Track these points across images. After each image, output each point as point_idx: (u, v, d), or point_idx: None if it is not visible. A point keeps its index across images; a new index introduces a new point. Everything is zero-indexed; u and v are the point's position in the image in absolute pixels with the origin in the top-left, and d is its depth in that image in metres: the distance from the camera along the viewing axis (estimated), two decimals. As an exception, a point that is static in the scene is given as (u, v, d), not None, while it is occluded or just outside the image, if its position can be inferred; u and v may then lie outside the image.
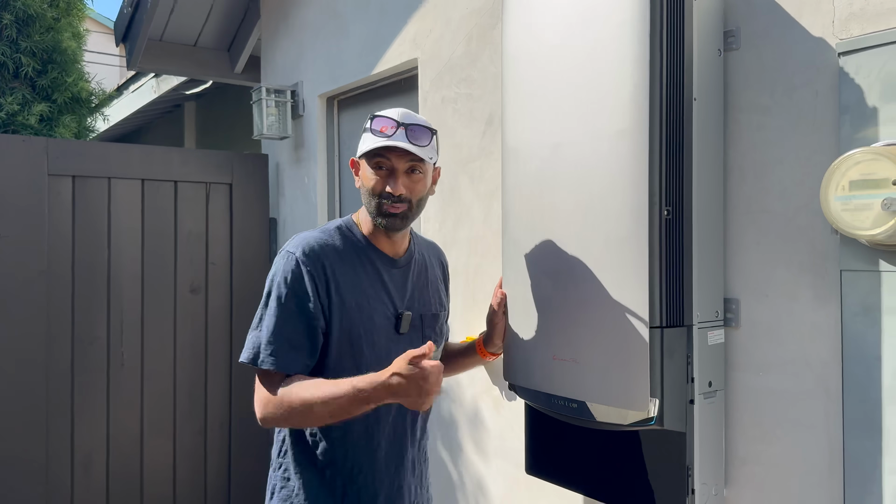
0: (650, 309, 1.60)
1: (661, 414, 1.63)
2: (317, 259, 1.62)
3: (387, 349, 1.67)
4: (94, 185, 3.59)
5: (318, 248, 1.63)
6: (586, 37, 1.73)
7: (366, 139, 1.66)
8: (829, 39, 1.60)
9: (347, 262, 1.67)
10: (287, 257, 1.63)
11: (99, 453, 3.59)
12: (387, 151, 1.63)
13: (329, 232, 1.70)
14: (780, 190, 1.70)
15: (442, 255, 1.99)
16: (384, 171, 1.65)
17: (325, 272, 1.62)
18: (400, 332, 1.71)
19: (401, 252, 1.77)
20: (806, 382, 1.65)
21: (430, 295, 1.83)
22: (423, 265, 1.84)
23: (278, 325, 1.58)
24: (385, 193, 1.64)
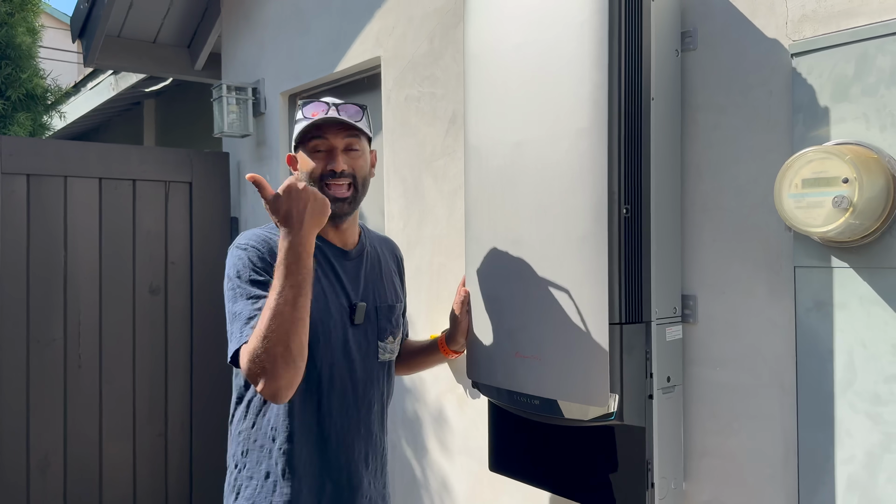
0: (609, 306, 1.62)
1: (620, 409, 1.65)
2: (268, 247, 1.61)
3: (342, 340, 1.68)
4: (50, 183, 3.51)
5: (269, 240, 1.63)
6: (547, 36, 1.74)
7: (299, 126, 1.68)
8: (782, 41, 1.64)
9: None
10: (241, 250, 1.62)
11: (56, 456, 3.51)
12: (322, 131, 1.65)
13: (275, 228, 1.63)
14: (735, 188, 1.73)
15: (396, 250, 1.99)
16: (322, 152, 1.66)
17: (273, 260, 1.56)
18: (355, 322, 1.71)
19: (351, 244, 1.78)
20: (761, 376, 1.69)
21: (384, 286, 1.83)
22: (375, 258, 1.84)
23: (253, 300, 1.54)
24: (327, 172, 1.65)
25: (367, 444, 1.77)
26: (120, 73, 6.03)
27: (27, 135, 4.04)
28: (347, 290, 1.73)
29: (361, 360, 1.72)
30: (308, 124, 1.65)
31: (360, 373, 1.72)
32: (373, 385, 1.75)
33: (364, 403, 1.74)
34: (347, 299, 1.72)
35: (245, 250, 1.61)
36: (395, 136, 2.81)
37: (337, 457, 1.70)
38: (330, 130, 1.66)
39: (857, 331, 1.50)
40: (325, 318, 1.66)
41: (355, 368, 1.71)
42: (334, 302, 1.69)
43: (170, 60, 4.64)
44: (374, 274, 1.82)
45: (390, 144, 2.83)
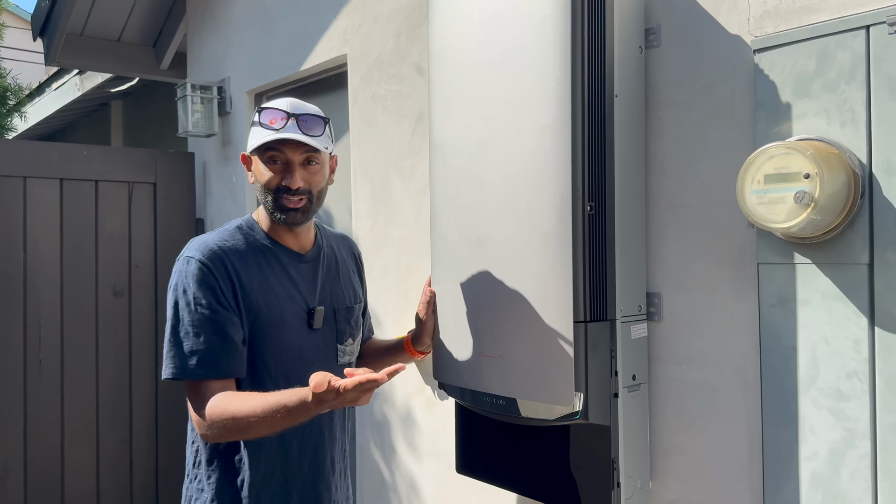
0: (574, 304, 1.61)
1: (585, 408, 1.64)
2: (219, 261, 1.56)
3: (299, 347, 1.64)
4: (8, 184, 3.42)
5: (219, 250, 1.57)
6: (510, 32, 1.72)
7: (255, 133, 1.60)
8: (745, 37, 1.64)
9: (252, 262, 1.61)
10: (188, 262, 1.56)
11: (16, 464, 3.42)
12: (279, 144, 1.57)
13: (229, 233, 1.64)
14: (699, 185, 1.72)
15: (354, 247, 1.95)
16: (279, 164, 1.59)
17: (228, 274, 1.56)
18: (313, 327, 1.67)
19: (307, 246, 1.73)
20: (726, 373, 1.68)
21: (342, 288, 1.79)
22: (332, 258, 1.80)
23: (196, 331, 1.52)
24: (281, 187, 1.58)
25: (332, 448, 1.73)
26: (85, 72, 5.92)
27: (-15, 135, 3.92)
28: (304, 295, 1.68)
29: (320, 365, 1.67)
30: (265, 141, 1.56)
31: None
32: None
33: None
34: (305, 304, 1.67)
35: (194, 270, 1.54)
36: (362, 135, 2.77)
37: (300, 465, 1.66)
38: (288, 145, 1.58)
39: (820, 327, 1.50)
40: (279, 326, 1.62)
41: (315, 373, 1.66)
42: (289, 308, 1.64)
43: (135, 59, 4.56)
44: (332, 276, 1.77)
45: (357, 144, 2.80)
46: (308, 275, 1.71)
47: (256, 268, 1.62)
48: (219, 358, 1.52)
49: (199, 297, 1.53)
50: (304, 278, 1.69)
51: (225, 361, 1.53)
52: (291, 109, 1.59)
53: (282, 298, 1.63)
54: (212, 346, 1.52)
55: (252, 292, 1.59)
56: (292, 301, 1.65)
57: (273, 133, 1.56)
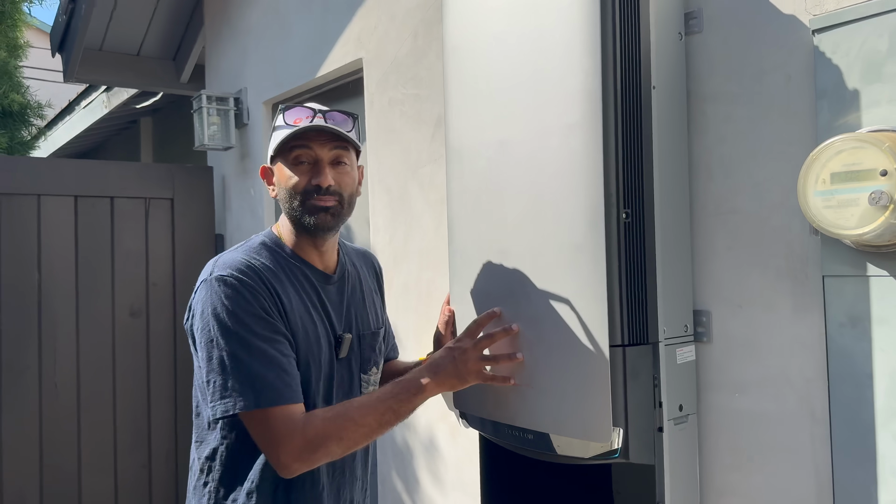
0: (610, 325, 1.40)
1: (625, 445, 1.43)
2: (257, 277, 1.37)
3: (328, 376, 1.47)
4: (22, 202, 3.33)
5: (253, 267, 1.39)
6: (532, 22, 1.54)
7: (277, 136, 1.45)
8: (801, 16, 1.43)
9: (285, 282, 1.43)
10: (222, 283, 1.35)
11: (31, 493, 3.31)
12: (306, 140, 1.42)
13: (254, 249, 1.45)
14: (751, 187, 1.51)
15: (375, 262, 1.76)
16: (306, 164, 1.43)
17: (270, 292, 1.37)
18: (339, 356, 1.49)
19: (332, 266, 1.55)
20: (788, 403, 1.46)
21: (366, 311, 1.61)
22: (356, 278, 1.62)
23: (259, 355, 1.32)
24: (311, 187, 1.41)
25: (352, 488, 1.55)
26: (112, 89, 5.89)
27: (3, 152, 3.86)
28: (332, 321, 1.50)
29: (343, 397, 1.49)
30: (291, 132, 1.41)
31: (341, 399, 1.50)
32: None
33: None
34: (332, 330, 1.49)
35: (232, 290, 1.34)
36: (380, 142, 2.61)
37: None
38: (316, 140, 1.42)
39: (901, 350, 1.28)
40: (317, 353, 1.44)
41: None
42: (323, 334, 1.46)
43: (155, 73, 4.48)
44: (357, 298, 1.59)
45: (374, 152, 2.63)
46: (335, 297, 1.52)
47: (291, 287, 1.43)
48: (291, 380, 1.34)
49: (252, 317, 1.33)
50: (331, 301, 1.51)
51: (296, 384, 1.35)
52: (317, 107, 1.46)
53: (317, 323, 1.46)
54: (283, 368, 1.33)
55: (292, 315, 1.40)
56: (323, 327, 1.47)
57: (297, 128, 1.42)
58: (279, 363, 1.33)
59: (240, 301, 1.34)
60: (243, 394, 1.31)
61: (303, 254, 1.49)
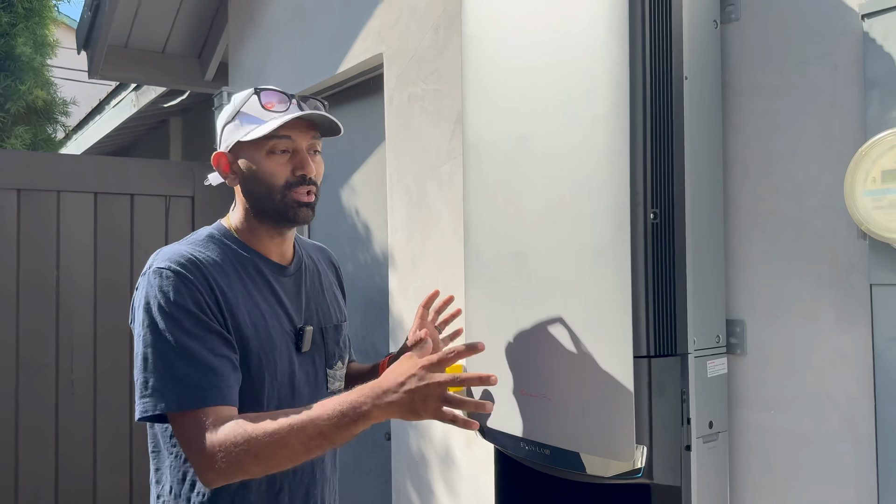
0: (635, 334, 1.29)
1: (649, 465, 1.31)
2: (197, 271, 1.29)
3: (289, 373, 1.39)
4: (42, 198, 3.31)
5: (195, 261, 1.30)
6: (554, 8, 1.44)
7: (247, 121, 1.36)
8: (848, 1, 1.31)
9: (232, 276, 1.35)
10: (158, 274, 1.27)
11: (46, 491, 3.28)
12: (287, 127, 1.35)
13: (200, 242, 1.38)
14: (792, 187, 1.39)
15: (332, 257, 1.69)
16: (285, 154, 1.37)
17: (211, 288, 1.29)
18: (301, 350, 1.42)
19: (289, 256, 1.48)
20: (829, 422, 1.34)
21: (328, 304, 1.54)
22: (314, 270, 1.55)
23: (188, 351, 1.24)
24: (294, 179, 1.36)
25: (323, 489, 1.48)
26: (140, 88, 5.91)
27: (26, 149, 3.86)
28: (290, 313, 1.43)
29: (310, 394, 1.42)
30: (278, 123, 1.33)
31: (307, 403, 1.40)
32: None
33: None
34: (291, 323, 1.42)
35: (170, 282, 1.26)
36: (398, 141, 2.52)
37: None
38: (296, 128, 1.37)
39: (960, 368, 1.15)
40: (270, 349, 1.36)
41: (305, 403, 1.39)
42: (277, 328, 1.39)
43: (179, 71, 4.46)
44: (316, 290, 1.52)
45: (393, 150, 2.55)
46: (292, 289, 1.46)
47: (238, 281, 1.36)
48: (220, 381, 1.24)
49: (184, 312, 1.25)
50: (288, 294, 1.44)
51: (226, 385, 1.25)
52: (290, 93, 1.40)
53: (269, 317, 1.38)
54: (211, 367, 1.24)
55: (238, 310, 1.33)
56: (279, 320, 1.40)
57: (280, 115, 1.35)
58: (208, 362, 1.24)
59: (173, 294, 1.25)
60: (164, 394, 1.22)
61: (258, 245, 1.42)
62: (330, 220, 3.20)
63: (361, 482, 2.94)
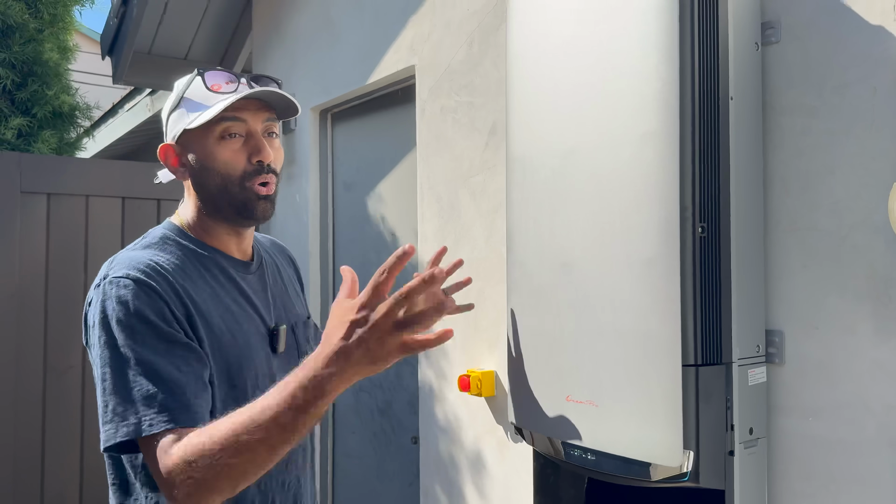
0: (683, 343, 1.35)
1: (696, 469, 1.37)
2: (161, 278, 1.17)
3: (269, 377, 1.26)
4: (71, 203, 3.36)
5: (156, 266, 1.18)
6: (603, 29, 1.50)
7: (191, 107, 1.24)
8: (889, 27, 1.37)
9: (197, 279, 1.24)
10: (115, 284, 1.14)
11: (72, 492, 3.32)
12: (237, 110, 1.21)
13: (156, 245, 1.25)
14: (830, 204, 1.45)
15: (286, 250, 1.58)
16: (236, 138, 1.23)
17: (178, 294, 1.18)
18: (277, 351, 1.32)
19: (249, 253, 1.37)
20: (866, 430, 1.40)
21: (292, 300, 1.45)
22: (274, 266, 1.46)
23: (152, 368, 1.10)
24: (251, 168, 1.23)
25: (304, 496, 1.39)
26: (156, 93, 5.96)
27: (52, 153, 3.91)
28: (261, 313, 1.32)
29: None
30: (229, 101, 1.20)
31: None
32: None
33: (300, 446, 1.36)
34: (264, 324, 1.32)
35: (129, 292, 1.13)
36: (430, 150, 2.58)
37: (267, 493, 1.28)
38: (247, 109, 1.23)
39: None
40: (249, 355, 1.25)
41: None
42: (252, 331, 1.28)
43: (201, 78, 4.51)
44: (279, 287, 1.43)
45: (424, 160, 2.61)
46: (258, 287, 1.35)
47: (204, 285, 1.24)
48: (188, 399, 1.10)
49: (145, 324, 1.12)
50: (255, 292, 1.34)
51: (196, 404, 1.11)
52: (237, 72, 1.28)
53: (242, 320, 1.27)
54: (178, 385, 1.11)
55: (210, 316, 1.21)
56: (252, 321, 1.29)
57: (228, 96, 1.22)
58: (174, 379, 1.11)
59: (132, 305, 1.12)
60: (125, 418, 1.08)
61: (216, 242, 1.30)
62: (355, 226, 3.25)
63: (384, 485, 2.99)
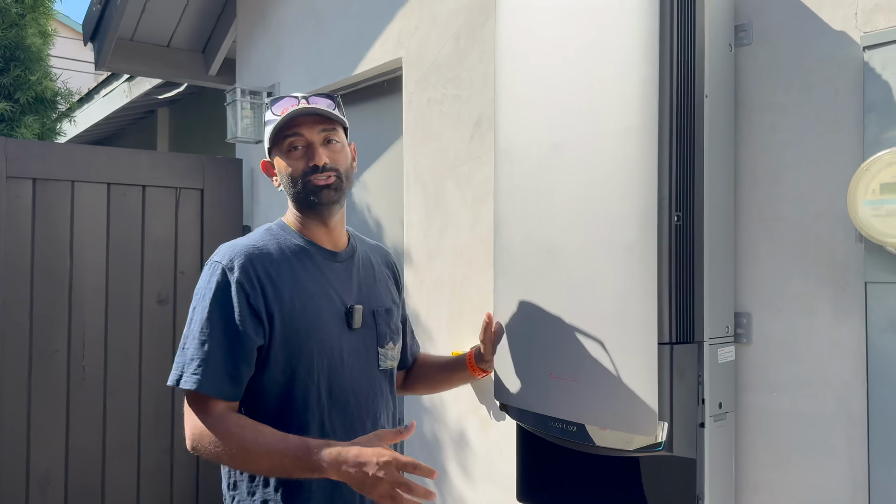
0: (659, 323, 1.46)
1: (670, 439, 1.48)
2: (247, 265, 1.48)
3: (339, 348, 1.55)
4: (57, 188, 3.39)
5: (247, 255, 1.50)
6: (589, 28, 1.60)
7: (270, 129, 1.56)
8: (851, 33, 1.49)
9: (283, 263, 1.53)
10: (213, 268, 1.49)
11: (57, 473, 3.36)
12: (296, 127, 1.52)
13: (258, 235, 1.57)
14: (795, 195, 1.57)
15: (389, 257, 1.84)
16: (300, 150, 1.54)
17: (258, 278, 1.48)
18: (352, 327, 1.58)
19: (341, 245, 1.65)
20: (825, 404, 1.52)
21: (379, 290, 1.69)
22: (367, 262, 1.71)
23: (203, 343, 1.44)
24: (308, 169, 1.53)
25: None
26: (134, 79, 5.94)
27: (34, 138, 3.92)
28: (340, 294, 1.59)
29: (361, 370, 1.58)
30: (280, 121, 1.52)
31: (362, 383, 1.58)
32: (377, 395, 1.61)
33: (370, 416, 1.59)
34: (342, 302, 1.58)
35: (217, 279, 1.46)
36: (416, 141, 2.66)
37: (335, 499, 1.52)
38: (304, 124, 1.54)
39: (942, 355, 1.33)
40: (318, 327, 1.52)
41: (356, 378, 1.56)
42: (326, 308, 1.55)
43: (183, 65, 4.53)
44: (368, 277, 1.68)
45: (411, 150, 2.69)
46: (343, 274, 1.62)
47: (288, 268, 1.53)
48: (216, 380, 1.43)
49: (216, 309, 1.45)
50: (339, 277, 1.61)
51: (222, 385, 1.43)
52: (300, 94, 1.58)
53: (317, 297, 1.54)
54: (213, 363, 1.43)
55: (285, 292, 1.50)
56: (328, 300, 1.56)
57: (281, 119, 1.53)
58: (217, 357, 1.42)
59: (214, 290, 1.45)
60: (176, 370, 1.45)
61: (310, 235, 1.59)
62: (340, 214, 3.32)
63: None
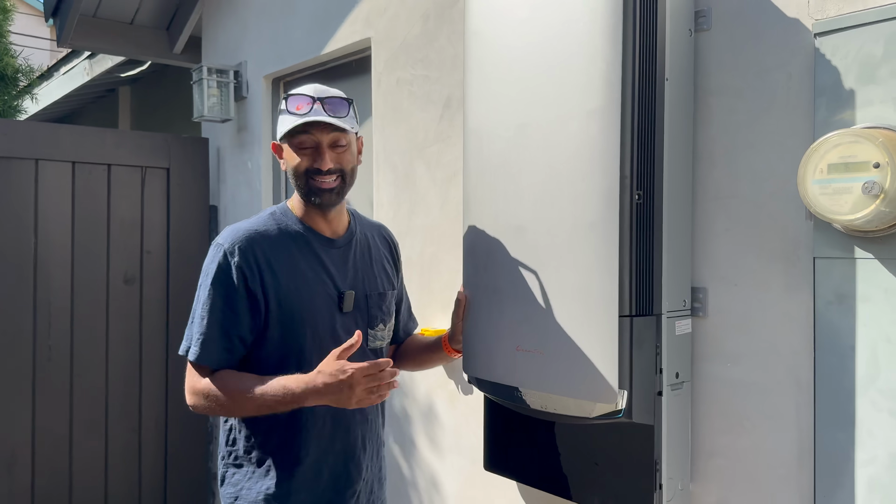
0: (620, 297, 1.53)
1: (629, 406, 1.56)
2: (247, 249, 1.61)
3: (331, 329, 1.68)
4: (20, 166, 3.35)
5: (249, 238, 1.63)
6: (556, 11, 1.64)
7: (283, 121, 1.65)
8: (804, 20, 1.56)
9: (282, 248, 1.66)
10: (216, 250, 1.63)
11: (23, 452, 3.35)
12: (308, 128, 1.62)
13: (262, 219, 1.69)
14: (750, 175, 1.64)
15: (389, 234, 1.96)
16: (308, 148, 1.64)
17: (256, 262, 1.61)
18: (343, 311, 1.70)
19: (340, 231, 1.76)
20: (776, 373, 1.61)
21: (375, 274, 1.81)
22: (366, 244, 1.82)
23: (203, 319, 1.61)
24: (312, 169, 1.64)
25: (364, 428, 1.75)
26: (95, 57, 5.83)
27: (-4, 116, 3.84)
28: (334, 279, 1.71)
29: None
30: (294, 124, 1.62)
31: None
32: None
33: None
34: (335, 287, 1.70)
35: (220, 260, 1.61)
36: (386, 121, 2.69)
37: (332, 443, 1.69)
38: (315, 127, 1.63)
39: (882, 325, 1.42)
40: (311, 308, 1.65)
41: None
42: (320, 292, 1.67)
43: (147, 43, 4.47)
44: (364, 261, 1.79)
45: (380, 130, 2.72)
46: (339, 259, 1.73)
47: (286, 252, 1.66)
48: (213, 351, 1.61)
49: (218, 289, 1.61)
50: (334, 263, 1.72)
51: (218, 356, 1.62)
52: (316, 94, 1.65)
53: (311, 282, 1.67)
54: (211, 337, 1.60)
55: (281, 276, 1.63)
56: (322, 285, 1.68)
57: (300, 118, 1.62)
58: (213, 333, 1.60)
59: (218, 270, 1.61)
60: (185, 342, 1.65)
61: (310, 222, 1.71)
62: (309, 194, 3.34)
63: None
